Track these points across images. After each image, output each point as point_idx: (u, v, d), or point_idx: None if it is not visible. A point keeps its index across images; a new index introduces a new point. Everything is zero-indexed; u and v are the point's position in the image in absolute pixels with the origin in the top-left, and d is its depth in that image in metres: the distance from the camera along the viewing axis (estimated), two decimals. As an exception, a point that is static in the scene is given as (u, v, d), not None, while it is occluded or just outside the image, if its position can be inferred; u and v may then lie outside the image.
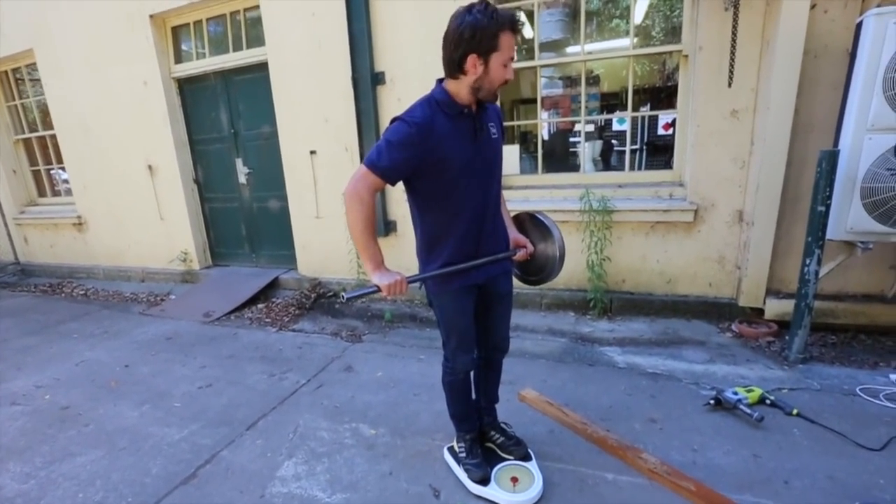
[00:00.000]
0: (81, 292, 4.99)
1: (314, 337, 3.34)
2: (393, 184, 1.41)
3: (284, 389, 2.58)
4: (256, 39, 4.05)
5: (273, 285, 4.39)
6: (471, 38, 1.27)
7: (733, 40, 2.67)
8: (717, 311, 3.11)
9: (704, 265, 3.12)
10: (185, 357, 3.10)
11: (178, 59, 4.48)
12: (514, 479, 1.69)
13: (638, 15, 3.85)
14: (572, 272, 3.42)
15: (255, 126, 4.33)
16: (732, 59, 2.70)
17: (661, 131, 5.76)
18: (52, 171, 5.77)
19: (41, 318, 4.12)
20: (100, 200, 5.18)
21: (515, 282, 1.79)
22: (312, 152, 3.91)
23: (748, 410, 1.96)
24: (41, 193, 5.95)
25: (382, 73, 3.57)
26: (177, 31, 4.44)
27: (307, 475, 1.88)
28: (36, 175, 5.89)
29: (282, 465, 1.95)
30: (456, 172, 1.42)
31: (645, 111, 5.33)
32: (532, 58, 3.40)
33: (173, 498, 1.81)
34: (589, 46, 3.74)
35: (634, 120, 5.10)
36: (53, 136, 5.30)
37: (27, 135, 5.66)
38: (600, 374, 2.53)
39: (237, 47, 4.20)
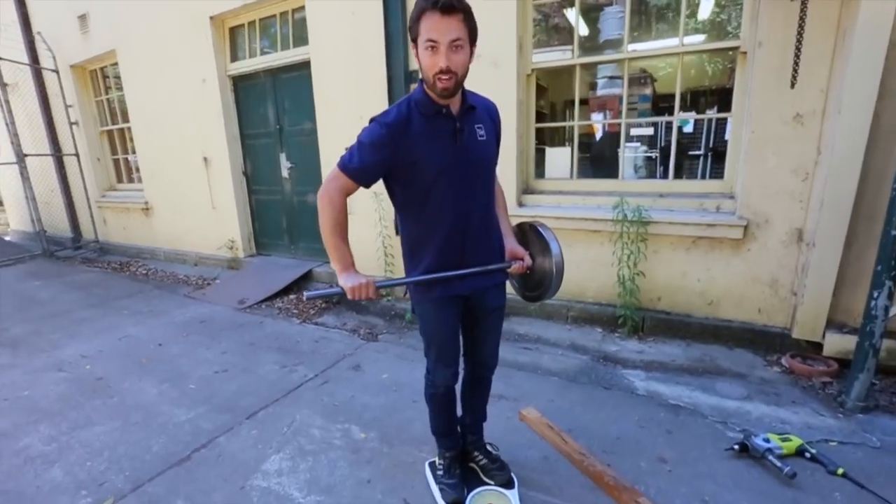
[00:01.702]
0: (143, 272, 5.45)
1: (333, 332, 3.38)
2: (367, 185, 1.35)
3: (291, 382, 2.61)
4: (302, 39, 4.17)
5: (307, 277, 4.52)
6: (408, 28, 1.25)
7: (799, 34, 2.33)
8: (766, 341, 2.75)
9: (753, 288, 2.77)
10: (211, 341, 3.25)
11: (234, 57, 4.74)
12: (490, 507, 1.57)
13: (693, 8, 3.52)
14: (602, 285, 3.19)
15: (298, 122, 4.48)
16: (797, 56, 2.36)
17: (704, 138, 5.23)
18: (130, 160, 6.35)
19: (102, 293, 4.54)
20: (163, 188, 5.62)
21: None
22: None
23: (778, 463, 1.69)
24: (119, 180, 6.58)
25: (416, 72, 3.54)
26: (233, 32, 4.69)
27: (289, 472, 1.87)
28: (115, 163, 6.52)
29: (269, 458, 1.97)
30: (432, 176, 1.33)
31: (693, 115, 4.87)
32: (575, 56, 3.20)
33: (165, 477, 1.88)
34: (636, 45, 3.47)
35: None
36: (130, 129, 5.83)
37: (110, 126, 6.27)
38: (615, 399, 2.31)
39: (285, 46, 4.36)
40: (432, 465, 1.78)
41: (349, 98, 3.88)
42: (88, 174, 6.37)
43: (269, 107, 4.64)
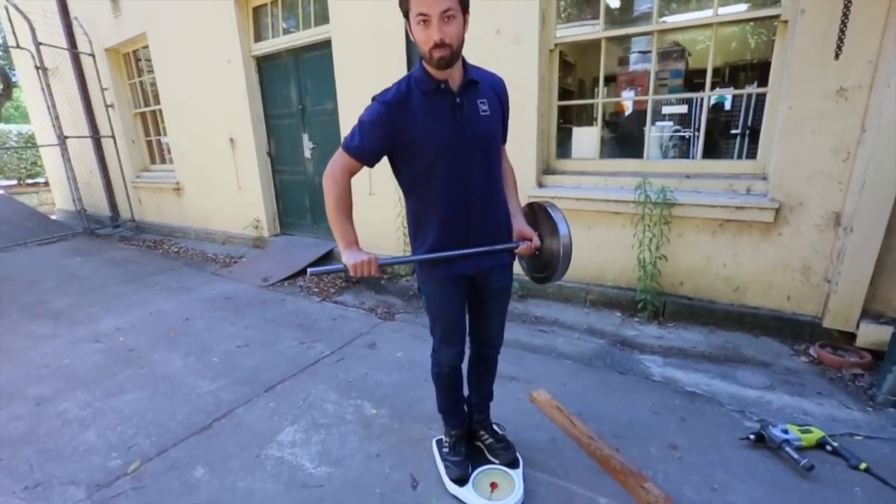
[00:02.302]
0: (175, 250, 5.67)
1: (351, 311, 3.44)
2: (370, 164, 1.36)
3: (308, 358, 2.69)
4: (323, 17, 4.14)
5: (328, 256, 4.60)
6: (399, 4, 1.22)
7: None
8: (794, 329, 2.63)
9: (783, 274, 2.63)
10: (235, 317, 3.37)
11: (258, 38, 4.77)
12: (494, 485, 1.59)
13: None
14: (623, 268, 3.11)
15: (320, 102, 4.49)
16: (844, 24, 2.17)
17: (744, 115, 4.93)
18: (162, 141, 6.56)
19: (137, 269, 4.76)
20: (193, 169, 5.79)
21: (570, 271, 1.57)
22: (367, 129, 3.96)
23: (795, 455, 1.63)
24: (153, 161, 6.81)
25: (436, 49, 3.46)
26: (257, 12, 4.71)
27: (302, 443, 1.94)
28: (149, 144, 6.75)
29: (283, 429, 2.04)
30: (433, 153, 1.31)
31: (725, 91, 4.59)
32: (601, 29, 3.06)
33: (188, 443, 1.98)
34: (671, 18, 3.29)
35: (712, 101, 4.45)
36: (161, 111, 6.00)
37: (143, 109, 6.47)
38: (629, 384, 2.27)
39: (306, 25, 4.35)
40: (439, 442, 1.81)
41: (369, 77, 3.85)
42: (124, 155, 6.62)
43: (292, 87, 4.67)
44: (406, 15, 1.21)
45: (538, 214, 1.60)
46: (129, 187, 6.76)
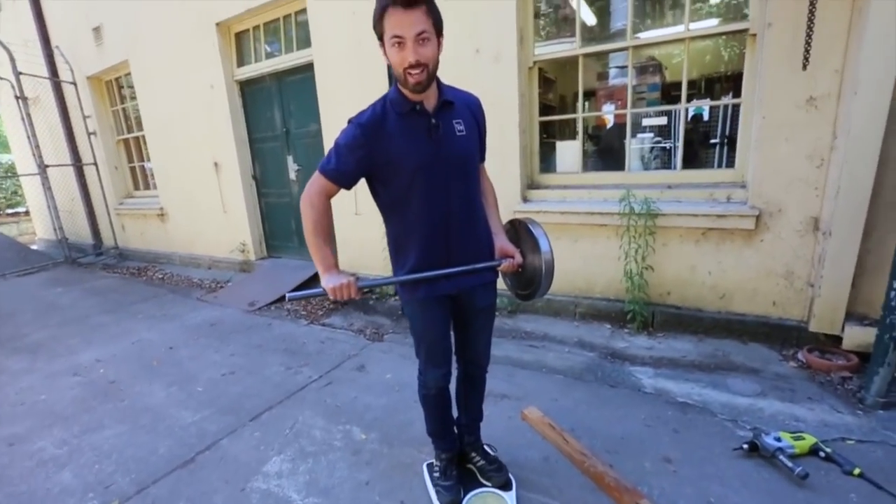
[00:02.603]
0: (160, 276, 5.57)
1: (339, 333, 3.39)
2: (347, 187, 1.35)
3: (296, 384, 2.63)
4: (305, 41, 4.19)
5: (315, 278, 4.54)
6: (373, 27, 1.22)
7: (811, 12, 2.22)
8: (782, 334, 2.64)
9: (767, 280, 2.66)
10: (220, 343, 3.30)
11: (241, 62, 4.79)
12: (487, 510, 1.54)
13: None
14: (610, 280, 3.12)
15: (304, 124, 4.51)
16: (809, 36, 2.25)
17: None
18: (145, 167, 6.50)
19: (119, 298, 4.66)
20: (177, 194, 5.74)
21: (557, 285, 1.53)
22: (351, 150, 3.97)
23: (790, 463, 1.62)
24: (136, 187, 6.74)
25: (417, 69, 3.50)
26: (239, 37, 4.74)
27: (289, 473, 1.88)
28: (132, 170, 6.68)
29: (270, 459, 1.98)
30: (410, 174, 1.31)
31: (701, 103, 4.72)
32: (577, 46, 3.13)
33: (169, 479, 1.91)
34: (646, 34, 3.37)
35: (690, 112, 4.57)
36: (144, 137, 5.97)
37: (126, 135, 6.43)
38: (621, 397, 2.25)
39: (288, 49, 4.38)
40: (430, 466, 1.76)
41: (352, 98, 3.88)
42: (107, 182, 6.54)
43: (276, 110, 4.68)
44: (381, 38, 1.21)
45: (520, 231, 1.59)
46: (113, 214, 6.67)
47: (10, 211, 11.70)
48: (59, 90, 6.49)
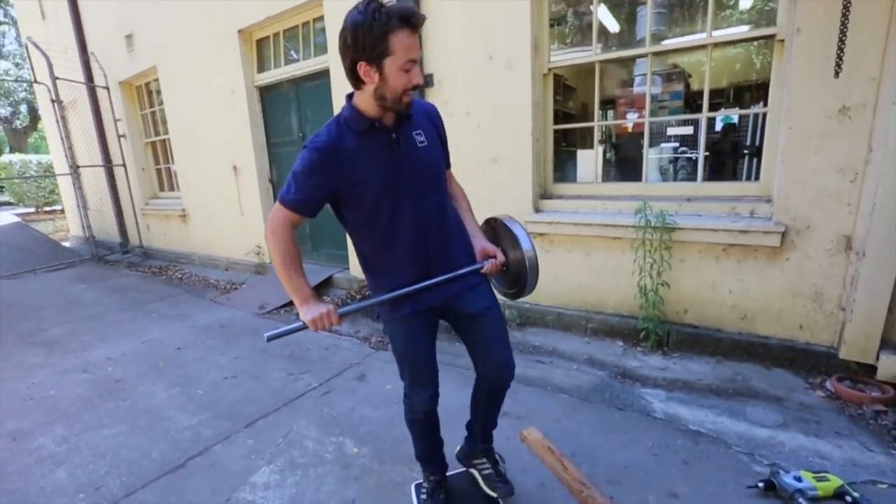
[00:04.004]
0: (178, 276, 5.69)
1: (345, 340, 3.35)
2: (311, 215, 1.29)
3: (295, 391, 2.60)
4: (322, 48, 4.22)
5: (327, 283, 4.55)
6: (354, 43, 1.12)
7: (844, 16, 2.06)
8: (809, 361, 2.46)
9: (794, 302, 2.48)
10: (226, 346, 3.31)
11: (261, 68, 4.87)
12: (473, 539, 1.46)
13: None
14: (624, 296, 2.98)
15: (320, 130, 4.52)
16: (842, 41, 2.09)
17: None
18: (171, 169, 6.69)
19: (137, 296, 4.77)
20: (198, 196, 5.86)
21: (569, 298, 1.47)
22: (364, 156, 3.97)
23: (809, 507, 1.47)
24: (161, 188, 6.94)
25: (431, 76, 3.47)
26: (260, 44, 4.83)
27: (276, 486, 1.83)
28: (158, 172, 6.89)
29: (259, 469, 1.94)
30: (375, 193, 1.25)
31: (726, 112, 4.51)
32: (594, 53, 3.03)
33: (158, 484, 1.89)
34: (669, 41, 3.25)
35: (710, 123, 4.40)
36: (170, 140, 6.14)
37: (153, 138, 6.64)
38: (628, 422, 2.12)
39: (307, 56, 4.43)
40: (418, 487, 1.69)
41: (365, 104, 3.87)
42: (134, 183, 6.75)
43: (293, 115, 4.73)
44: (377, 58, 1.12)
45: (497, 230, 1.55)
46: (139, 214, 6.87)
47: (47, 209, 12.26)
48: (93, 94, 6.76)
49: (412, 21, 1.10)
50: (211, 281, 5.33)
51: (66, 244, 8.21)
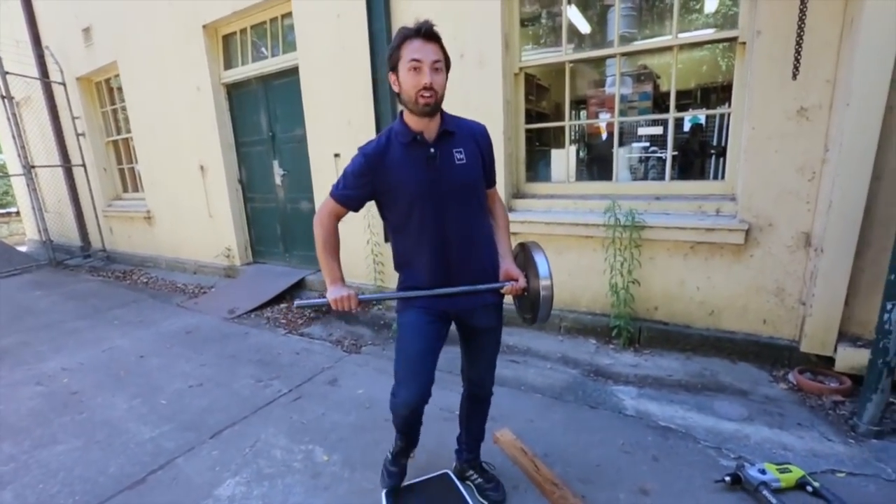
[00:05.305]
0: (144, 280, 5.47)
1: (316, 344, 3.28)
2: (355, 209, 1.43)
3: (264, 398, 2.52)
4: (291, 45, 4.12)
5: (300, 285, 4.45)
6: (387, 60, 1.32)
7: (801, 20, 2.13)
8: (773, 354, 2.53)
9: (757, 297, 2.55)
10: (192, 353, 3.19)
11: (227, 65, 4.72)
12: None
13: (688, 1, 3.33)
14: (596, 294, 3.01)
15: (290, 129, 4.42)
16: (799, 45, 2.15)
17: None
18: (134, 169, 6.42)
19: (98, 303, 4.55)
20: (163, 197, 5.65)
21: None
22: (336, 155, 3.89)
23: (773, 500, 1.50)
24: (125, 189, 6.65)
25: (402, 74, 3.42)
26: (226, 40, 4.68)
27: (242, 498, 1.76)
28: (121, 172, 6.60)
29: (224, 482, 1.86)
30: (408, 200, 1.37)
31: (691, 113, 4.63)
32: (564, 53, 3.05)
33: (115, 501, 1.79)
34: (637, 42, 3.30)
35: (678, 123, 4.51)
36: (133, 138, 5.89)
37: (115, 137, 6.36)
38: (600, 420, 2.14)
39: (275, 53, 4.31)
40: (388, 493, 1.65)
41: (336, 102, 3.80)
42: (95, 184, 6.46)
43: (262, 114, 4.60)
44: (394, 67, 1.29)
45: (527, 255, 1.55)
46: (101, 216, 6.58)
47: (1, 211, 11.61)
48: (48, 90, 6.43)
49: (420, 30, 1.25)
50: (178, 285, 5.14)
51: (22, 248, 7.80)
